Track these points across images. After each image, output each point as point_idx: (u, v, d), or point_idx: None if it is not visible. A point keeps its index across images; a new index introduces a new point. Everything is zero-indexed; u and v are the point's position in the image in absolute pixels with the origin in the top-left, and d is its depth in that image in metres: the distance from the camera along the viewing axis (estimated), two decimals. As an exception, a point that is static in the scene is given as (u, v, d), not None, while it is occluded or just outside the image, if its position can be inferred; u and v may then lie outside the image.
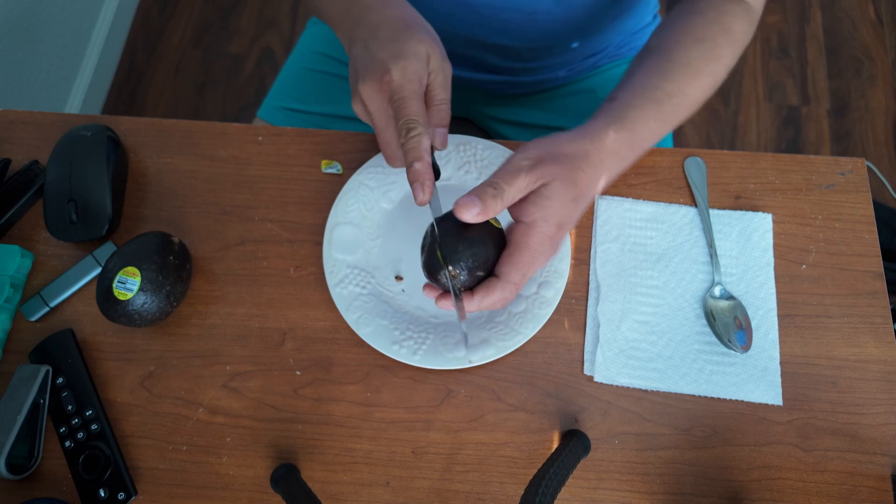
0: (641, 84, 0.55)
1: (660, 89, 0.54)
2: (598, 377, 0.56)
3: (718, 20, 0.57)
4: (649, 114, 0.54)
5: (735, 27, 0.58)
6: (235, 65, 1.63)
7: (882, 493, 0.53)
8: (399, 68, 0.50)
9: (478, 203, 0.45)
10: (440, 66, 0.52)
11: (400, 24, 0.53)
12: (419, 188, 0.49)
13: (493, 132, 0.87)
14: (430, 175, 0.49)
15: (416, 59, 0.50)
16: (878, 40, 1.60)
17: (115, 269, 0.55)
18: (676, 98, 0.55)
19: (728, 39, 0.57)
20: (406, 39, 0.51)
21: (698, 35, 0.56)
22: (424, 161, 0.49)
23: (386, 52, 0.51)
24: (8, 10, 1.25)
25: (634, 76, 0.56)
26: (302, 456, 0.55)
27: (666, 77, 0.54)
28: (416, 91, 0.50)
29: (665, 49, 0.56)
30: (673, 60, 0.55)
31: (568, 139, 0.50)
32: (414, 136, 0.49)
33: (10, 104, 1.27)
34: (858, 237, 0.60)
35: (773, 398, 0.55)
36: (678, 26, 0.58)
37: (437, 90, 0.52)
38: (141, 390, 0.58)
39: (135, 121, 0.68)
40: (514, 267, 0.48)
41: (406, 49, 0.50)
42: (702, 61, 0.56)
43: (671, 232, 0.61)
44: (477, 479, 0.54)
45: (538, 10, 0.67)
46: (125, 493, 0.54)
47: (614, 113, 0.53)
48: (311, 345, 0.59)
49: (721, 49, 0.57)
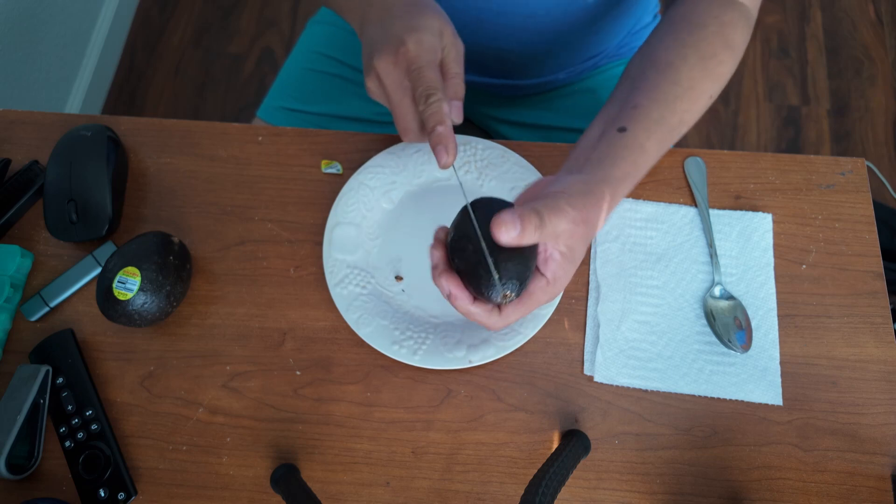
0: (647, 114, 0.53)
1: (664, 123, 0.53)
2: (598, 377, 0.56)
3: (721, 33, 0.56)
4: (653, 156, 0.53)
5: (737, 40, 0.57)
6: (235, 65, 1.63)
7: (882, 493, 0.53)
8: (414, 40, 0.50)
9: (518, 227, 0.43)
10: (453, 42, 0.52)
11: (412, 2, 0.53)
12: (443, 150, 0.49)
13: (493, 132, 0.87)
14: (453, 137, 0.50)
15: (431, 32, 0.51)
16: (878, 40, 1.60)
17: (115, 269, 0.55)
18: (675, 132, 0.54)
19: (730, 55, 0.56)
20: (419, 15, 0.52)
21: (703, 52, 0.55)
22: (446, 124, 0.49)
23: (401, 27, 0.51)
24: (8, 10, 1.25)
25: (641, 101, 0.53)
26: (302, 456, 0.55)
27: (669, 106, 0.53)
28: (432, 61, 0.51)
29: (668, 64, 0.55)
30: (677, 83, 0.54)
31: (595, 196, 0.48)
32: (434, 102, 0.49)
33: (10, 104, 1.27)
34: (858, 237, 0.60)
35: (773, 398, 0.55)
36: (683, 37, 0.56)
37: (451, 64, 0.52)
38: (141, 390, 0.58)
39: (135, 121, 0.68)
40: (516, 312, 0.48)
41: (420, 23, 0.51)
42: (706, 82, 0.55)
43: (671, 232, 0.61)
44: (477, 479, 0.54)
45: (536, 13, 0.67)
46: (125, 493, 0.54)
47: (627, 160, 0.51)
48: (311, 345, 0.59)
49: (723, 66, 0.56)
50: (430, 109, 0.50)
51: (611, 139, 0.52)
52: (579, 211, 0.46)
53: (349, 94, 0.81)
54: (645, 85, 0.54)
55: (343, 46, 0.83)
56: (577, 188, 0.47)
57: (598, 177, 0.50)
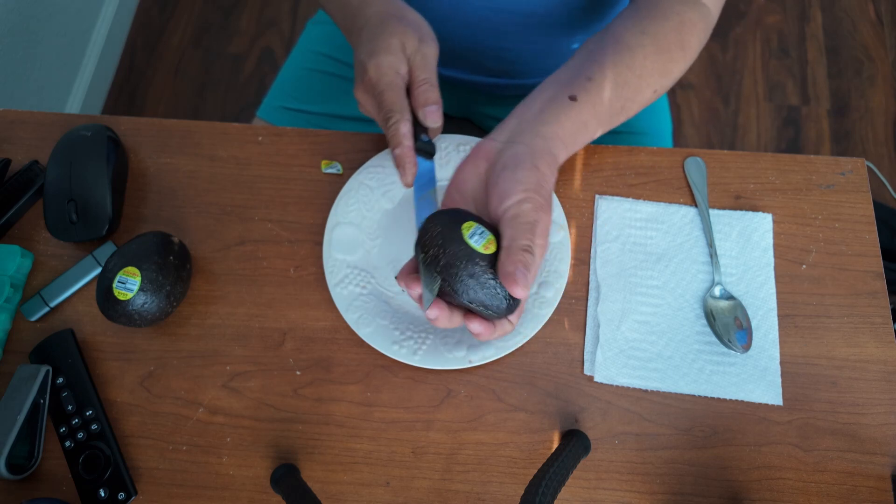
0: (599, 91, 0.54)
1: (609, 106, 0.54)
2: (598, 377, 0.56)
3: (679, 31, 0.56)
4: (590, 135, 0.55)
5: (692, 42, 0.57)
6: (235, 65, 1.63)
7: (882, 493, 0.53)
8: (373, 66, 0.53)
9: (528, 275, 0.45)
10: (416, 50, 0.54)
11: (376, 22, 0.56)
12: (401, 171, 0.54)
13: (493, 132, 0.87)
14: (412, 158, 0.54)
15: (388, 52, 0.53)
16: (878, 40, 1.60)
17: (115, 269, 0.55)
18: (616, 118, 0.56)
19: (682, 56, 0.57)
20: (379, 36, 0.54)
21: (660, 45, 0.55)
22: (403, 146, 0.53)
23: (365, 52, 0.54)
24: (8, 11, 1.25)
25: (596, 76, 0.54)
26: (302, 456, 0.55)
27: (618, 91, 0.54)
28: (391, 82, 0.53)
29: (628, 46, 0.55)
30: (631, 68, 0.54)
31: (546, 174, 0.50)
32: (391, 125, 0.53)
33: (10, 104, 1.27)
34: (858, 237, 0.60)
35: (773, 398, 0.55)
36: (645, 25, 0.56)
37: (416, 71, 0.55)
38: (141, 390, 0.58)
39: (135, 121, 0.68)
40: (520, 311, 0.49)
41: (378, 46, 0.54)
42: (654, 76, 0.56)
43: (671, 232, 0.61)
44: (477, 479, 0.54)
45: (535, 12, 0.67)
46: (125, 493, 0.54)
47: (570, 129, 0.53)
48: (311, 345, 0.59)
49: (674, 64, 0.57)
50: (388, 133, 0.54)
51: (558, 103, 0.53)
52: (542, 208, 0.48)
53: (349, 94, 0.81)
54: (602, 59, 0.55)
55: (343, 46, 0.83)
56: (531, 180, 0.48)
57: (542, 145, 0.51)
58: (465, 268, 0.45)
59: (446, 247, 0.45)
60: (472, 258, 0.45)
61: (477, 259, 0.45)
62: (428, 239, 0.46)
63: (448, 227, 0.46)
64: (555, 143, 0.51)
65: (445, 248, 0.45)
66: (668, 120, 0.85)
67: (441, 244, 0.45)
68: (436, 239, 0.45)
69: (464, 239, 0.45)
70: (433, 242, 0.45)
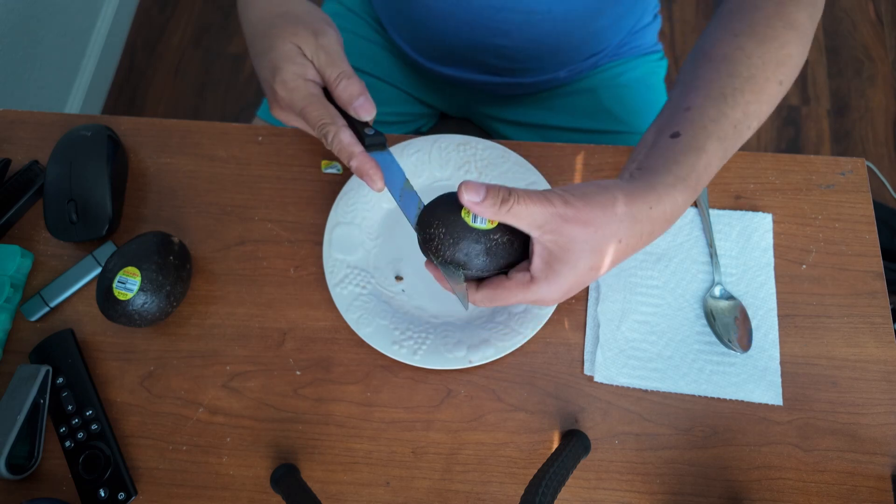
0: (703, 113, 0.47)
1: (724, 120, 0.47)
2: (598, 377, 0.56)
3: (780, 13, 0.50)
4: (716, 157, 0.47)
5: (800, 18, 0.50)
6: (235, 65, 1.63)
7: (882, 493, 0.53)
8: (279, 84, 0.49)
9: (482, 194, 0.41)
10: (316, 48, 0.50)
11: (262, 28, 0.51)
12: (368, 180, 0.49)
13: (493, 132, 0.87)
14: (371, 163, 0.49)
15: (287, 61, 0.49)
16: (878, 40, 1.60)
17: (115, 269, 0.55)
18: (742, 126, 0.48)
19: (795, 35, 0.50)
20: (271, 46, 0.50)
21: (761, 36, 0.49)
22: (356, 155, 0.49)
23: (266, 71, 0.50)
24: (8, 10, 1.25)
25: (695, 102, 0.48)
26: (302, 456, 0.55)
27: (728, 101, 0.47)
28: (306, 95, 0.49)
29: (723, 57, 0.49)
30: (734, 74, 0.48)
31: (614, 199, 0.43)
32: (332, 139, 0.49)
33: (10, 104, 1.27)
34: (858, 237, 0.60)
35: (773, 398, 0.55)
36: (734, 26, 0.50)
37: (326, 70, 0.50)
38: (141, 390, 0.58)
39: (135, 121, 0.68)
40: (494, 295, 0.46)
41: (274, 58, 0.49)
42: (769, 68, 0.49)
43: (671, 232, 0.61)
44: (477, 479, 0.54)
45: (537, 10, 0.67)
46: (125, 493, 0.54)
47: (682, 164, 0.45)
48: (311, 345, 0.59)
49: (788, 48, 0.49)
50: (334, 148, 0.49)
51: (663, 146, 0.47)
52: (574, 209, 0.41)
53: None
54: (697, 83, 0.49)
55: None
56: (586, 189, 0.43)
57: (638, 183, 0.44)
58: (482, 252, 0.45)
59: (457, 242, 0.44)
60: (481, 239, 0.44)
61: (489, 236, 0.45)
62: (436, 240, 0.45)
63: (448, 220, 0.45)
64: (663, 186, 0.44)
65: (457, 243, 0.44)
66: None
67: (452, 242, 0.45)
68: (444, 239, 0.45)
69: (469, 226, 0.44)
70: (442, 242, 0.45)
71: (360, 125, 0.51)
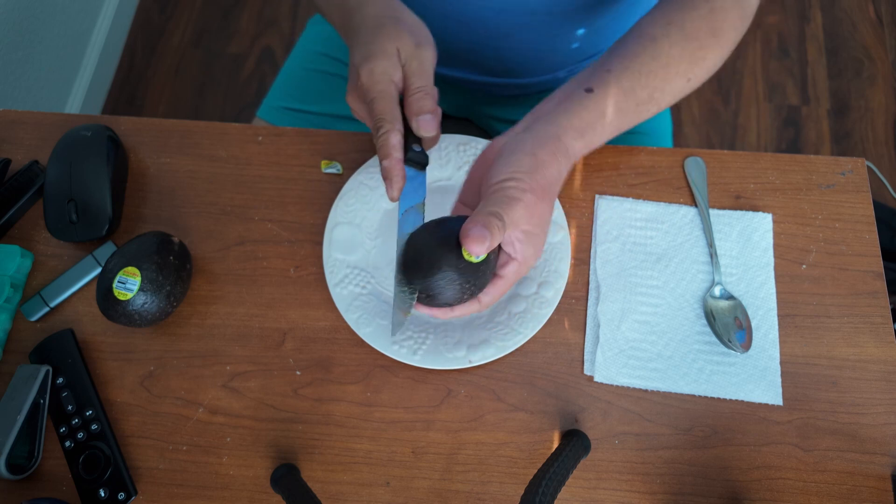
0: (618, 81, 0.53)
1: (632, 95, 0.53)
2: (598, 377, 0.56)
3: (710, 18, 0.55)
4: (611, 126, 0.53)
5: (725, 28, 0.55)
6: (235, 65, 1.63)
7: (882, 493, 0.53)
8: (366, 72, 0.51)
9: (488, 237, 0.45)
10: (412, 55, 0.52)
11: (372, 23, 0.53)
12: (388, 184, 0.51)
13: (493, 132, 0.87)
14: (399, 172, 0.51)
15: (383, 57, 0.51)
16: (878, 40, 1.60)
17: (115, 269, 0.55)
18: (643, 107, 0.54)
19: (715, 42, 0.55)
20: (374, 39, 0.52)
21: (687, 33, 0.54)
22: (392, 158, 0.50)
23: (359, 56, 0.52)
24: (8, 10, 1.25)
25: (615, 66, 0.53)
26: (302, 456, 0.55)
27: (641, 80, 0.53)
28: (383, 91, 0.51)
29: (651, 37, 0.54)
30: (655, 57, 0.53)
31: (546, 161, 0.49)
32: (381, 135, 0.50)
33: (10, 104, 1.27)
34: (858, 237, 0.60)
35: (773, 398, 0.55)
36: (671, 15, 0.55)
37: (412, 79, 0.52)
38: (141, 390, 0.58)
39: (135, 121, 0.68)
40: (492, 296, 0.50)
41: (372, 50, 0.51)
42: (683, 63, 0.54)
43: (671, 232, 0.61)
44: (477, 479, 0.54)
45: (537, 10, 0.67)
46: (125, 493, 0.54)
47: (585, 118, 0.52)
48: (311, 345, 0.59)
49: (705, 52, 0.55)
50: (378, 143, 0.51)
51: (574, 97, 0.52)
52: (532, 191, 0.47)
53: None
54: (623, 52, 0.54)
55: (343, 46, 0.83)
56: (524, 164, 0.48)
57: (550, 132, 0.50)
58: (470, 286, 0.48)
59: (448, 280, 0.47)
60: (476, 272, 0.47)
61: (479, 268, 0.47)
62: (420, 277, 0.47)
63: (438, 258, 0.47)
64: (566, 131, 0.51)
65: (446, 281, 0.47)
66: (668, 120, 0.85)
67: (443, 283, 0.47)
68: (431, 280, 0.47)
69: (464, 262, 0.46)
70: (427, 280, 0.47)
71: (413, 140, 0.53)
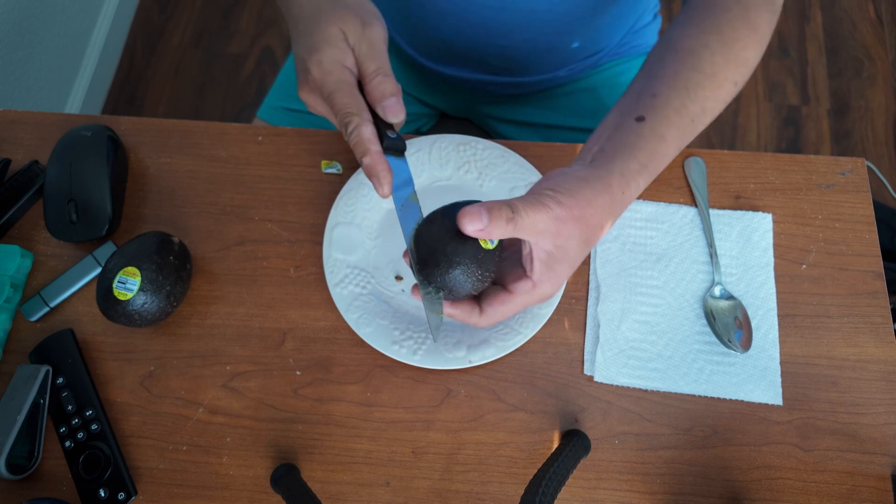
0: (667, 102, 0.50)
1: (685, 111, 0.50)
2: (598, 377, 0.56)
3: (745, 16, 0.53)
4: (673, 147, 0.51)
5: (761, 23, 0.54)
6: (235, 65, 1.63)
7: (882, 493, 0.53)
8: (315, 63, 0.47)
9: (484, 218, 0.42)
10: (360, 36, 0.48)
11: (310, 9, 0.50)
12: (376, 182, 0.47)
13: (493, 131, 0.87)
14: (383, 165, 0.47)
15: (329, 44, 0.47)
16: (878, 40, 1.60)
17: (115, 269, 0.55)
18: (698, 121, 0.52)
19: (755, 39, 0.53)
20: (316, 26, 0.48)
21: (726, 36, 0.52)
22: (371, 153, 0.47)
23: (304, 49, 0.49)
24: (8, 10, 1.25)
25: (660, 90, 0.51)
26: (302, 456, 0.55)
27: (691, 94, 0.51)
28: (339, 80, 0.48)
29: (689, 51, 0.52)
30: (698, 69, 0.51)
31: (595, 191, 0.46)
32: (352, 131, 0.47)
33: (10, 104, 1.27)
34: (858, 237, 0.60)
35: (773, 398, 0.55)
36: (703, 24, 0.53)
37: (366, 63, 0.48)
38: (141, 390, 0.58)
39: (135, 121, 0.68)
40: (499, 312, 0.48)
41: (317, 39, 0.48)
42: (729, 68, 0.52)
43: (671, 232, 0.61)
44: (477, 479, 0.54)
45: (538, 9, 0.67)
46: (125, 493, 0.54)
47: (644, 150, 0.49)
48: (311, 345, 0.59)
49: (748, 51, 0.53)
50: (351, 140, 0.47)
51: (627, 129, 0.49)
52: (567, 208, 0.43)
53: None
54: (664, 73, 0.52)
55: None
56: (570, 185, 0.45)
57: (607, 170, 0.47)
58: (480, 275, 0.46)
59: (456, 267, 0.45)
60: (484, 260, 0.46)
61: (491, 256, 0.46)
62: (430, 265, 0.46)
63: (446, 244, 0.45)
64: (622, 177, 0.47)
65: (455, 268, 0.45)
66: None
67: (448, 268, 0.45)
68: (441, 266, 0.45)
69: (471, 249, 0.45)
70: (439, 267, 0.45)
71: (384, 126, 0.49)
